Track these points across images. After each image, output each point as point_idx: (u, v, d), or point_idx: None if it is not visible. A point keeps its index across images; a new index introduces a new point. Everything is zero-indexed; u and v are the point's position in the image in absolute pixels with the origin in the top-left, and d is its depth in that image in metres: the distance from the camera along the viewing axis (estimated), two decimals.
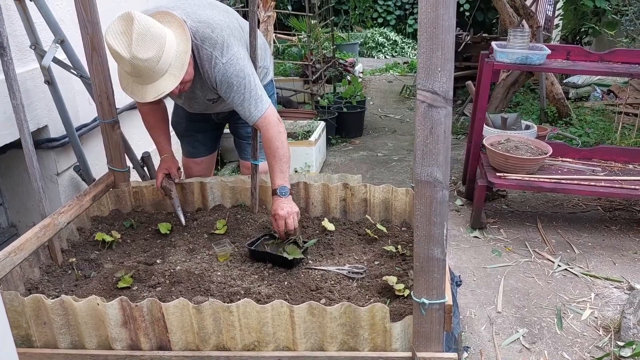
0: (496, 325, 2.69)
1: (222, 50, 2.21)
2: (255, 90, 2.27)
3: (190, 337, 1.77)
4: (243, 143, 2.84)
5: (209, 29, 2.21)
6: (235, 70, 2.22)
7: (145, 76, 2.06)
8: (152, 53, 2.00)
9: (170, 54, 2.07)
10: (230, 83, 2.23)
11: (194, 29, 2.20)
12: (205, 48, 2.20)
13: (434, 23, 1.36)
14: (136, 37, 1.96)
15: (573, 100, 6.46)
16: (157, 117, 2.60)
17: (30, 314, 1.77)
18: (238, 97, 2.25)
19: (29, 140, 2.09)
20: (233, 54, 2.23)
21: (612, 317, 2.71)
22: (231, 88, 2.24)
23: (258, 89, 2.28)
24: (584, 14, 6.61)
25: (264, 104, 2.29)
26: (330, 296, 1.98)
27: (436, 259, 1.58)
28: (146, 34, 1.98)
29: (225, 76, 2.22)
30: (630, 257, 3.28)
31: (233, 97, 2.26)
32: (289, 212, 2.28)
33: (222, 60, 2.20)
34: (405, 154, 5.32)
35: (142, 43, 1.98)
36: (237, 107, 2.29)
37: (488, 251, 3.37)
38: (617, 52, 3.68)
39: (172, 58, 2.08)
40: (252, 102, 2.27)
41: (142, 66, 2.01)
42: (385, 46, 11.45)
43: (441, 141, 1.47)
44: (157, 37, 2.01)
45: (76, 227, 2.40)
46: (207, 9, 2.32)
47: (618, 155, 3.91)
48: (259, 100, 2.28)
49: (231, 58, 2.22)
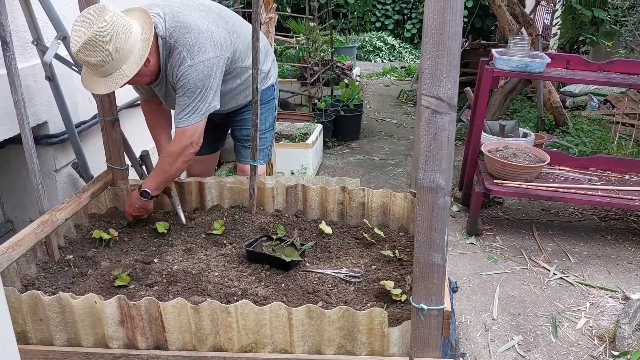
0: (492, 332, 2.69)
1: (193, 53, 2.25)
2: (202, 103, 2.32)
3: (187, 337, 1.76)
4: (239, 145, 2.84)
5: (185, 30, 2.26)
6: (197, 77, 2.27)
7: (90, 71, 2.15)
8: (96, 59, 2.06)
9: (116, 64, 2.11)
10: (185, 85, 2.28)
11: (170, 30, 2.25)
12: (177, 48, 2.25)
13: (441, 29, 1.36)
14: (88, 39, 2.01)
15: (570, 109, 6.49)
16: (158, 116, 2.62)
17: (26, 310, 1.76)
18: (184, 100, 2.30)
19: (29, 136, 2.08)
20: (203, 60, 2.27)
21: (607, 327, 2.72)
22: (184, 90, 2.28)
23: (205, 103, 2.33)
24: (582, 23, 6.64)
25: (197, 117, 2.33)
26: (327, 299, 1.98)
27: (436, 265, 1.58)
28: (99, 40, 2.03)
29: (185, 78, 2.26)
30: (625, 267, 3.30)
31: (180, 98, 2.31)
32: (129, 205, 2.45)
33: (189, 63, 2.25)
34: (402, 158, 5.33)
35: (90, 47, 2.03)
36: (176, 105, 2.34)
37: (484, 258, 3.38)
38: (616, 63, 3.70)
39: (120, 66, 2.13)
40: (190, 111, 2.31)
41: (85, 64, 2.11)
42: (383, 50, 11.47)
43: (444, 147, 1.47)
44: (109, 46, 2.05)
45: (74, 224, 2.39)
46: (194, 11, 2.35)
47: (615, 165, 3.93)
48: (197, 113, 2.32)
49: (198, 63, 2.26)
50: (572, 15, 6.59)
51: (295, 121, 5.17)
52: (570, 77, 3.66)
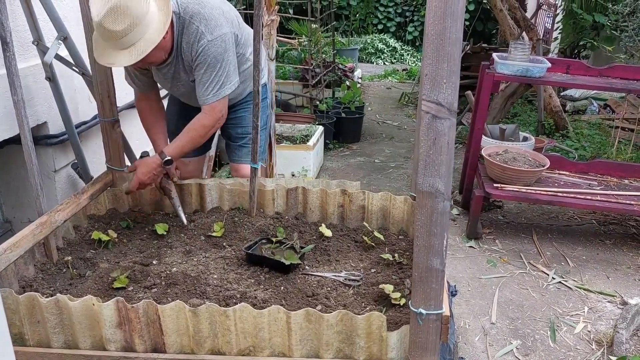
0: (490, 336, 2.69)
1: (211, 27, 2.26)
2: (225, 77, 2.33)
3: (185, 340, 1.76)
4: (233, 145, 2.82)
5: (199, 5, 2.27)
6: (217, 51, 2.28)
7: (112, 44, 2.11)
8: (121, 27, 2.04)
9: (141, 31, 2.09)
10: (206, 61, 2.28)
11: (184, 5, 2.25)
12: (193, 23, 2.25)
13: (441, 35, 1.36)
14: (112, 5, 2.00)
15: (570, 113, 6.49)
16: (155, 115, 2.60)
17: (24, 312, 1.76)
18: (207, 76, 2.31)
19: (28, 137, 2.08)
20: (220, 34, 2.28)
21: (605, 332, 2.71)
22: (205, 66, 2.29)
23: (228, 77, 2.34)
24: (583, 28, 6.66)
25: (224, 92, 2.35)
26: (326, 303, 1.98)
27: (435, 270, 1.57)
28: (123, 6, 2.01)
29: (205, 53, 2.27)
30: (623, 271, 3.30)
31: (202, 75, 2.31)
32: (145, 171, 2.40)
33: (208, 38, 2.26)
34: (402, 161, 5.32)
35: (115, 13, 2.02)
36: (199, 84, 2.34)
37: (483, 261, 3.38)
38: (616, 68, 3.70)
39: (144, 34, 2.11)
40: (215, 87, 2.33)
41: (108, 35, 2.07)
42: (385, 52, 11.47)
43: (444, 152, 1.47)
44: (133, 12, 2.03)
45: (72, 225, 2.39)
46: None
47: (614, 169, 3.93)
48: (222, 88, 2.35)
49: (217, 38, 2.27)
50: (573, 20, 6.60)
51: (297, 123, 5.16)
52: (571, 82, 3.66)
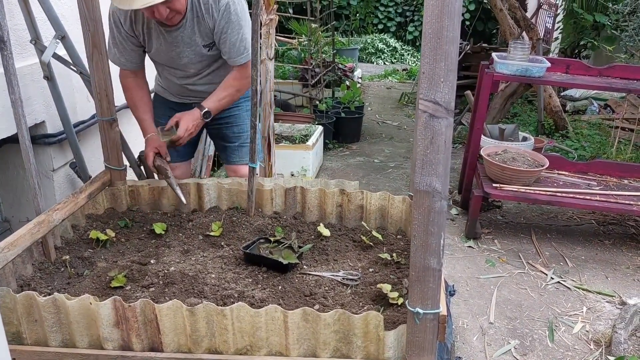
0: (488, 336, 2.69)
1: None
2: (248, 35, 2.38)
3: (182, 340, 1.76)
4: (230, 146, 2.81)
5: None
6: (239, 9, 2.36)
7: None
8: None
9: None
10: (230, 19, 2.34)
11: None
12: None
13: (438, 34, 1.36)
14: None
15: (570, 113, 6.49)
16: (141, 91, 2.59)
17: (21, 311, 1.76)
18: (234, 34, 2.37)
19: (26, 136, 2.08)
20: None
21: (604, 332, 2.71)
22: (230, 24, 2.35)
23: (249, 37, 2.37)
24: (584, 28, 6.65)
25: (249, 54, 2.41)
26: (324, 302, 1.98)
27: (432, 269, 1.57)
28: None
29: (227, 11, 2.33)
30: (622, 271, 3.29)
31: (230, 34, 2.37)
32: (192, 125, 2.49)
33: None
34: (402, 161, 5.32)
35: None
36: (227, 43, 2.39)
37: (482, 261, 3.38)
38: (616, 68, 3.70)
39: None
40: (244, 45, 2.40)
41: None
42: (385, 52, 11.47)
43: (441, 152, 1.47)
44: None
45: (70, 224, 2.39)
46: None
47: (614, 169, 3.92)
48: (248, 46, 2.40)
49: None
50: (573, 20, 6.60)
51: (296, 123, 5.16)
52: (570, 81, 3.66)
